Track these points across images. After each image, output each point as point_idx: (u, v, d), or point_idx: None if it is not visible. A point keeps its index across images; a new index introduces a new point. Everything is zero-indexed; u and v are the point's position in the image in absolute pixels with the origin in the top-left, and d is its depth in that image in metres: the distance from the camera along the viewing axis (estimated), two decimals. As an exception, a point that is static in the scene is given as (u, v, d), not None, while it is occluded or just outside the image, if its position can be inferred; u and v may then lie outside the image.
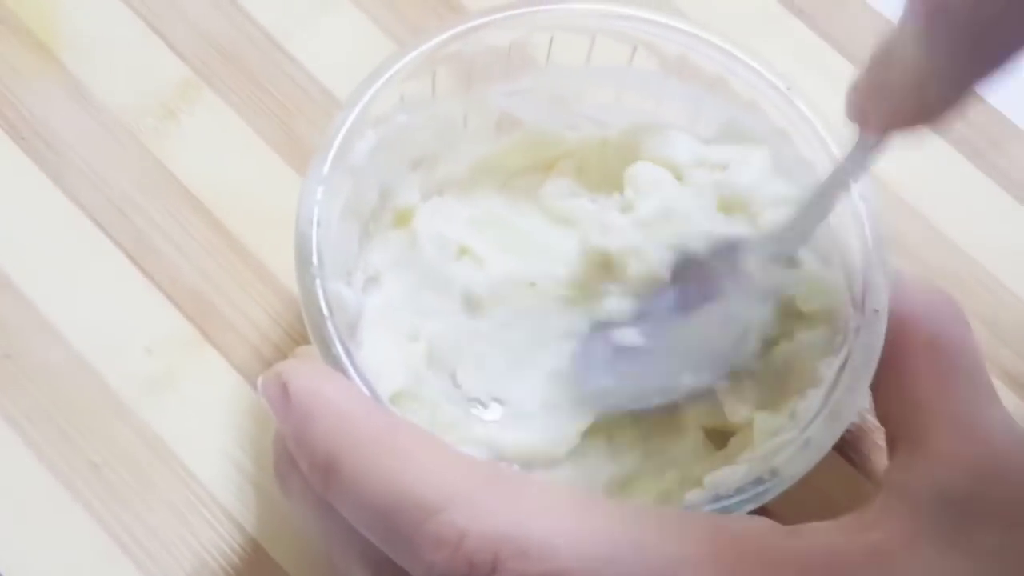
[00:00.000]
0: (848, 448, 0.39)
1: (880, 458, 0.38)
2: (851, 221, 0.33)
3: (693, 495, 0.31)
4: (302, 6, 0.44)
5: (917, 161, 0.43)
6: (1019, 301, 0.42)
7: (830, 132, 0.34)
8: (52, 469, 0.37)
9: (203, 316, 0.39)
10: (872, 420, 0.35)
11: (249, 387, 0.39)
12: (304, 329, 0.39)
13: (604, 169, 0.38)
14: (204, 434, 0.38)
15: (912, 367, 0.32)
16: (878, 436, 0.37)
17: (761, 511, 0.30)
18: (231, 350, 0.39)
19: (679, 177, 0.36)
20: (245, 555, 0.37)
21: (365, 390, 0.30)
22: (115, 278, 0.40)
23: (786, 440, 0.31)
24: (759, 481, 0.30)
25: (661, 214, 0.35)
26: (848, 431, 0.38)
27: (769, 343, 0.35)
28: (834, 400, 0.32)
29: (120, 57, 0.43)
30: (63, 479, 0.37)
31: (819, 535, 0.29)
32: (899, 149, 0.38)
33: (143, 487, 0.37)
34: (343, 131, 0.33)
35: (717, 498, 0.30)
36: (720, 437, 0.36)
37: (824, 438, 0.31)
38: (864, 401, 0.32)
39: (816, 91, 0.35)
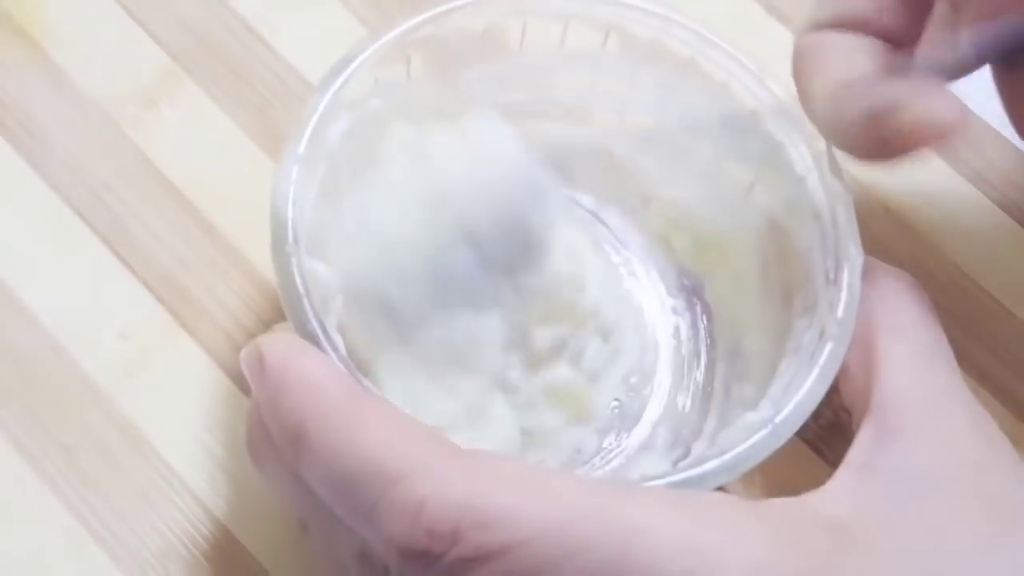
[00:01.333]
0: (824, 446, 0.39)
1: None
2: (822, 197, 0.34)
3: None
4: (285, -2, 0.44)
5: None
6: (992, 300, 0.42)
7: (802, 114, 0.34)
8: (21, 451, 0.37)
9: (178, 303, 0.39)
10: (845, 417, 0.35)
11: (222, 374, 0.39)
12: (276, 316, 0.39)
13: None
14: (176, 420, 0.38)
15: (876, 346, 0.32)
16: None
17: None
18: (205, 337, 0.39)
19: None
20: (214, 540, 0.37)
21: (339, 364, 0.30)
22: (90, 263, 0.40)
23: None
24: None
25: None
26: (821, 425, 0.38)
27: None
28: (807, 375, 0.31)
29: (101, 46, 0.43)
30: (32, 462, 0.37)
31: (781, 507, 0.28)
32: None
33: (113, 471, 0.37)
34: (318, 113, 0.33)
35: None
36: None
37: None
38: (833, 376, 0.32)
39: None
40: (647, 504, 0.27)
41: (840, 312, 0.32)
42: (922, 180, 0.43)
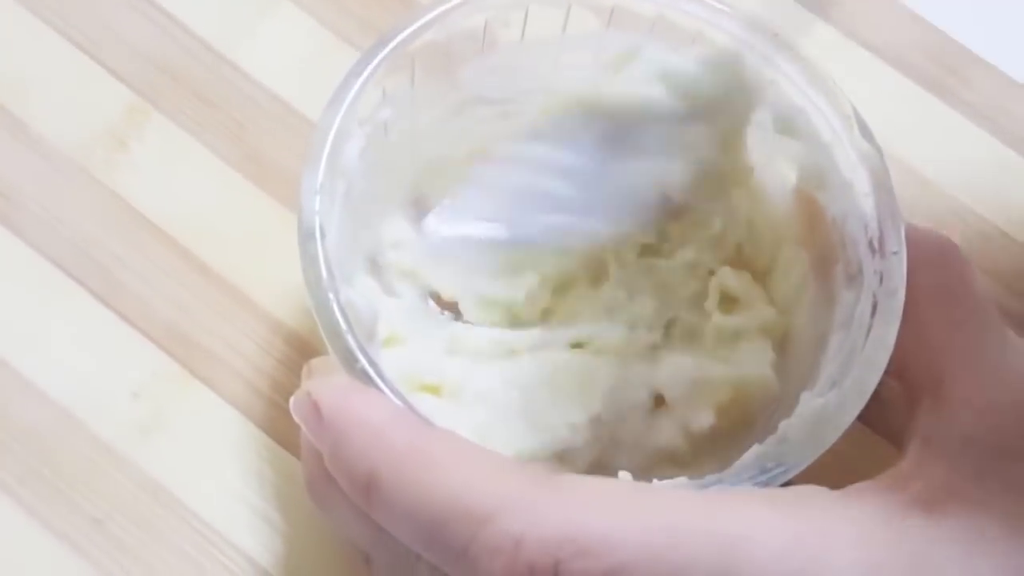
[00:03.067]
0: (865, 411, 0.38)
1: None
2: (854, 162, 0.33)
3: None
4: (240, 12, 0.42)
5: (882, 100, 0.43)
6: (994, 228, 0.42)
7: (824, 80, 0.33)
8: (54, 531, 0.35)
9: (185, 351, 0.37)
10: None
11: (246, 419, 0.37)
12: (292, 353, 0.38)
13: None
14: (204, 473, 0.36)
15: (924, 314, 0.31)
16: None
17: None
18: (220, 383, 0.37)
19: None
20: (266, 592, 0.35)
21: (396, 400, 0.29)
22: (88, 323, 0.37)
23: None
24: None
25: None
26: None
27: None
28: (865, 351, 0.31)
29: (60, 90, 0.40)
30: (66, 540, 0.35)
31: (869, 497, 0.28)
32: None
33: (150, 536, 0.35)
34: (331, 135, 0.31)
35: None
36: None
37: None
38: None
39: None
40: (743, 510, 0.27)
41: (890, 284, 0.31)
42: (914, 116, 0.43)
